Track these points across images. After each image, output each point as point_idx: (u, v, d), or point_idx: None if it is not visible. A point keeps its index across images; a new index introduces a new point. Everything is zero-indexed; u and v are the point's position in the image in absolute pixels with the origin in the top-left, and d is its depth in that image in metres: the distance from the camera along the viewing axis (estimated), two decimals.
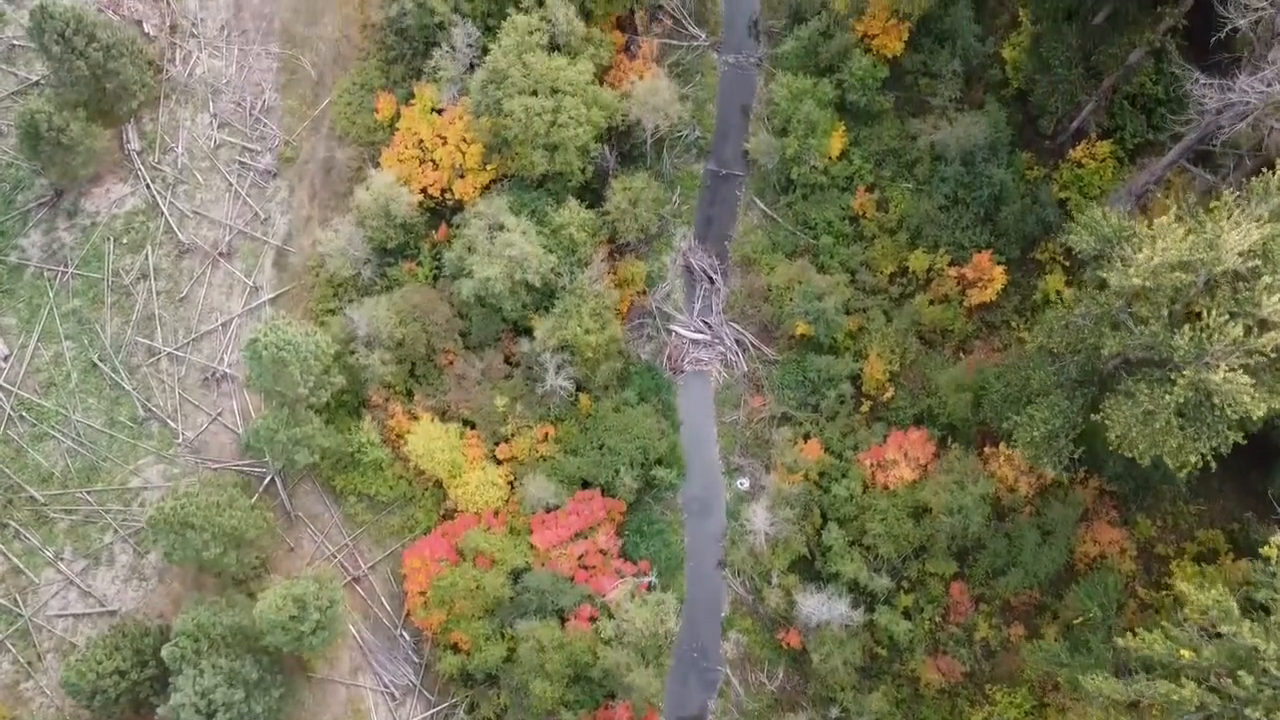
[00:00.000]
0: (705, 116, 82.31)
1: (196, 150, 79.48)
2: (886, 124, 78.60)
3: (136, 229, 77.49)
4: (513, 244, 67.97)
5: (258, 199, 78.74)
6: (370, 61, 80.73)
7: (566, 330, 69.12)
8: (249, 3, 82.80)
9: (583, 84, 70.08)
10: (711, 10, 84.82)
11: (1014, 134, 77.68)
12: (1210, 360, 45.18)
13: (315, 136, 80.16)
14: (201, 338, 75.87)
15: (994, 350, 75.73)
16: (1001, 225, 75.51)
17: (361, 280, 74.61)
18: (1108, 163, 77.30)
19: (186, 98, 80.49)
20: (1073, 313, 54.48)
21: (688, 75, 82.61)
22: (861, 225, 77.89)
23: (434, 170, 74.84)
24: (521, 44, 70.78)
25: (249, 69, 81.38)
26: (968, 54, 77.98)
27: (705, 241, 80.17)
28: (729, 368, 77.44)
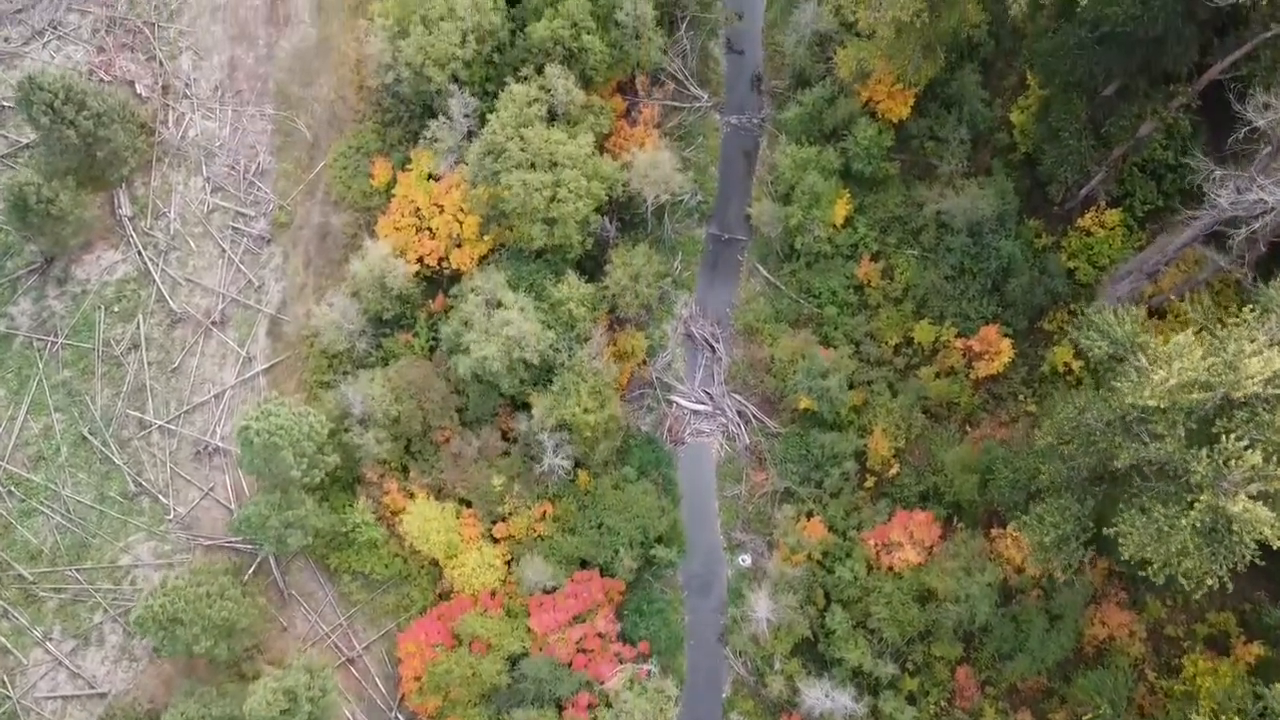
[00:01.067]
0: (707, 180, 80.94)
1: (189, 215, 78.05)
2: (892, 191, 77.19)
3: (128, 297, 76.09)
4: (510, 322, 66.56)
5: (251, 266, 77.35)
6: (366, 124, 79.31)
7: (565, 409, 67.72)
8: (243, 63, 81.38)
9: (582, 157, 68.66)
10: (714, 70, 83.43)
11: (1021, 200, 76.41)
12: (1228, 487, 43.77)
13: (310, 201, 78.75)
14: (194, 410, 74.48)
15: (1001, 424, 74.44)
16: (1009, 296, 74.14)
17: (357, 352, 73.21)
18: (1117, 231, 75.94)
19: (179, 161, 79.07)
20: (1084, 414, 53.02)
21: (689, 138, 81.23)
22: (866, 294, 76.51)
23: (430, 239, 73.44)
24: (520, 116, 69.39)
25: (243, 131, 79.95)
26: (975, 119, 76.62)
27: (706, 308, 78.86)
28: (731, 440, 76.03)
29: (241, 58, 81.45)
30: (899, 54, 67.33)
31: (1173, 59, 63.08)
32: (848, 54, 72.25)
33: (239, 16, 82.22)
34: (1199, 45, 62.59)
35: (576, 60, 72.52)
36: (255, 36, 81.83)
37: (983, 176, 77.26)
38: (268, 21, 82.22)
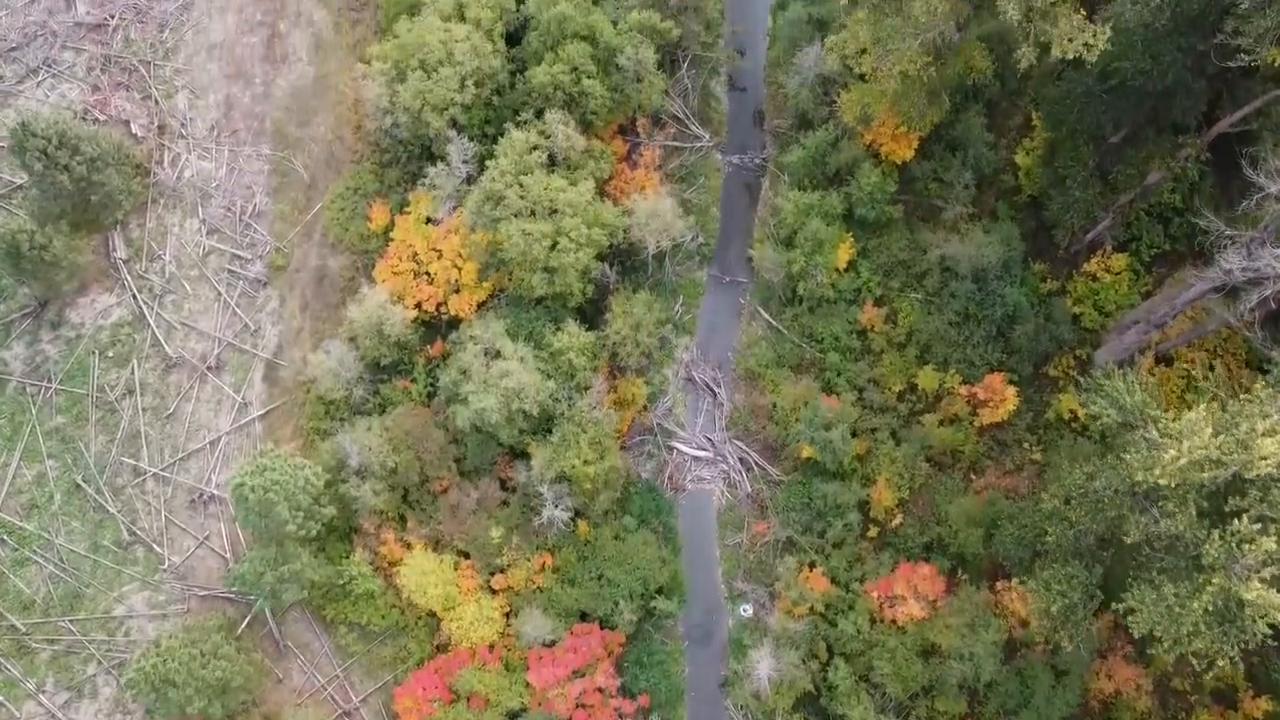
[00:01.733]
0: (708, 221, 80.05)
1: (185, 258, 77.17)
2: (895, 234, 76.25)
3: (122, 341, 75.19)
4: (509, 373, 65.66)
5: (247, 309, 76.46)
6: (364, 165, 78.47)
7: (564, 461, 66.81)
8: (240, 101, 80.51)
9: (583, 205, 67.77)
10: (715, 109, 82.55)
11: (1026, 243, 75.46)
12: (1241, 571, 42.89)
13: (307, 243, 77.86)
14: (189, 457, 73.56)
15: (1005, 473, 73.57)
16: (1014, 343, 73.23)
17: (354, 399, 72.30)
18: (1123, 275, 75.20)
19: (175, 202, 78.19)
20: (1092, 481, 52.10)
21: (691, 178, 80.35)
22: (869, 339, 75.58)
23: (429, 284, 72.55)
24: (519, 163, 68.54)
25: (239, 171, 79.07)
26: (979, 162, 75.73)
27: (708, 352, 77.93)
28: (732, 487, 75.13)
29: (238, 96, 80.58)
30: (904, 101, 66.39)
31: (1181, 111, 62.25)
32: (851, 98, 71.33)
33: (235, 54, 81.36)
34: (1208, 98, 61.71)
35: (577, 104, 71.70)
36: (252, 75, 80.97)
37: (987, 219, 76.46)
38: (265, 59, 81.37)
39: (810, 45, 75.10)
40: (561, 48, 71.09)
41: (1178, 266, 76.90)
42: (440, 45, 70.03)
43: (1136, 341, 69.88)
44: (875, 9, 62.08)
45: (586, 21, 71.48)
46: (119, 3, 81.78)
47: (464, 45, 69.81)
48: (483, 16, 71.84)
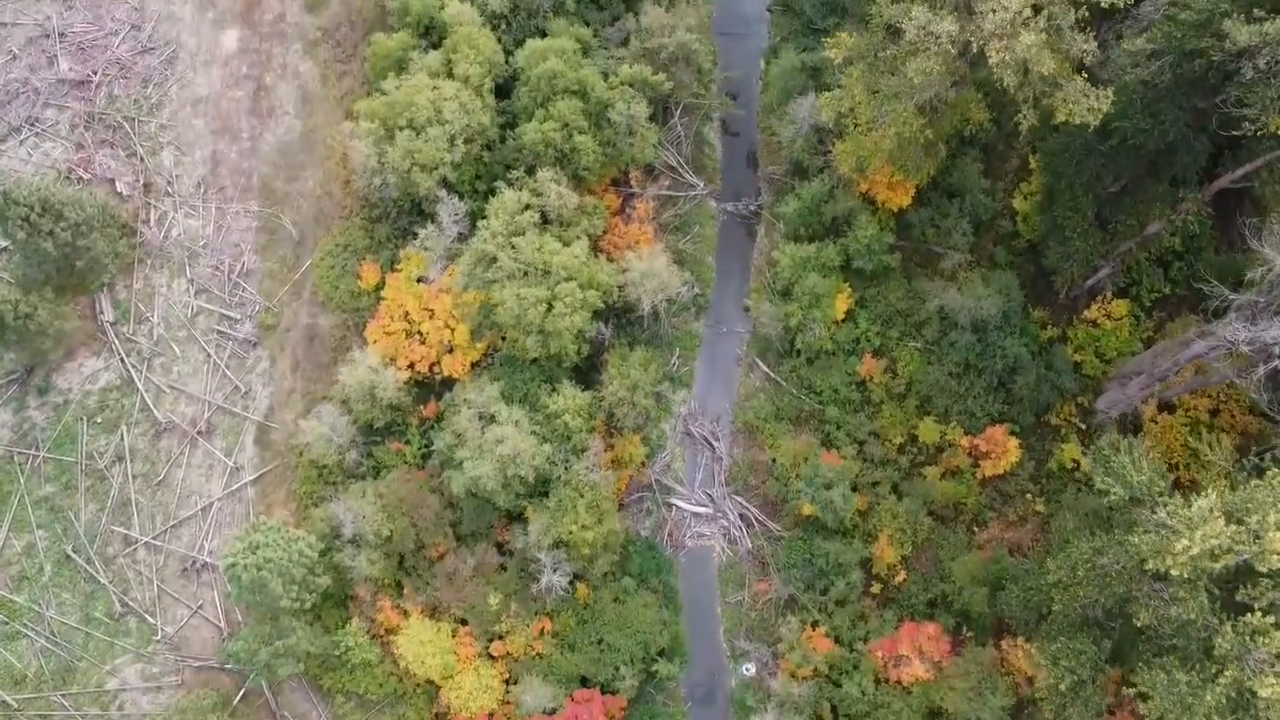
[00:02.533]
0: (704, 270, 79.05)
1: (173, 319, 76.00)
2: (893, 283, 75.32)
3: (111, 407, 74.02)
4: (504, 439, 64.65)
5: (238, 371, 75.32)
6: (353, 221, 77.33)
7: (562, 528, 65.82)
8: (226, 157, 79.33)
9: (577, 266, 66.71)
10: (709, 156, 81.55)
11: (1025, 288, 74.66)
12: (1255, 664, 42.00)
13: (297, 302, 76.73)
14: (180, 524, 72.45)
15: (1009, 525, 72.73)
16: (1015, 394, 72.27)
17: (347, 463, 71.19)
18: (1124, 321, 74.49)
19: (162, 262, 77.02)
20: (1100, 557, 51.18)
21: (685, 227, 79.35)
22: (869, 390, 74.63)
23: (421, 345, 71.47)
24: (511, 223, 67.52)
25: (227, 229, 77.92)
26: (976, 208, 74.87)
27: (705, 405, 76.92)
28: (732, 543, 74.16)
29: (225, 152, 79.41)
30: (900, 156, 65.43)
31: (1182, 167, 61.33)
32: (846, 149, 70.29)
33: (221, 109, 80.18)
34: (1209, 154, 60.82)
35: (569, 161, 70.68)
36: (239, 130, 79.80)
37: (986, 266, 75.66)
38: (251, 114, 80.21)
39: (804, 96, 74.08)
40: (552, 104, 70.03)
41: (1179, 311, 76.31)
42: (428, 104, 68.92)
43: (1140, 394, 69.05)
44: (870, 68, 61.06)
45: (577, 76, 70.45)
46: (102, 58, 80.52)
47: (452, 104, 68.71)
48: (471, 73, 70.75)
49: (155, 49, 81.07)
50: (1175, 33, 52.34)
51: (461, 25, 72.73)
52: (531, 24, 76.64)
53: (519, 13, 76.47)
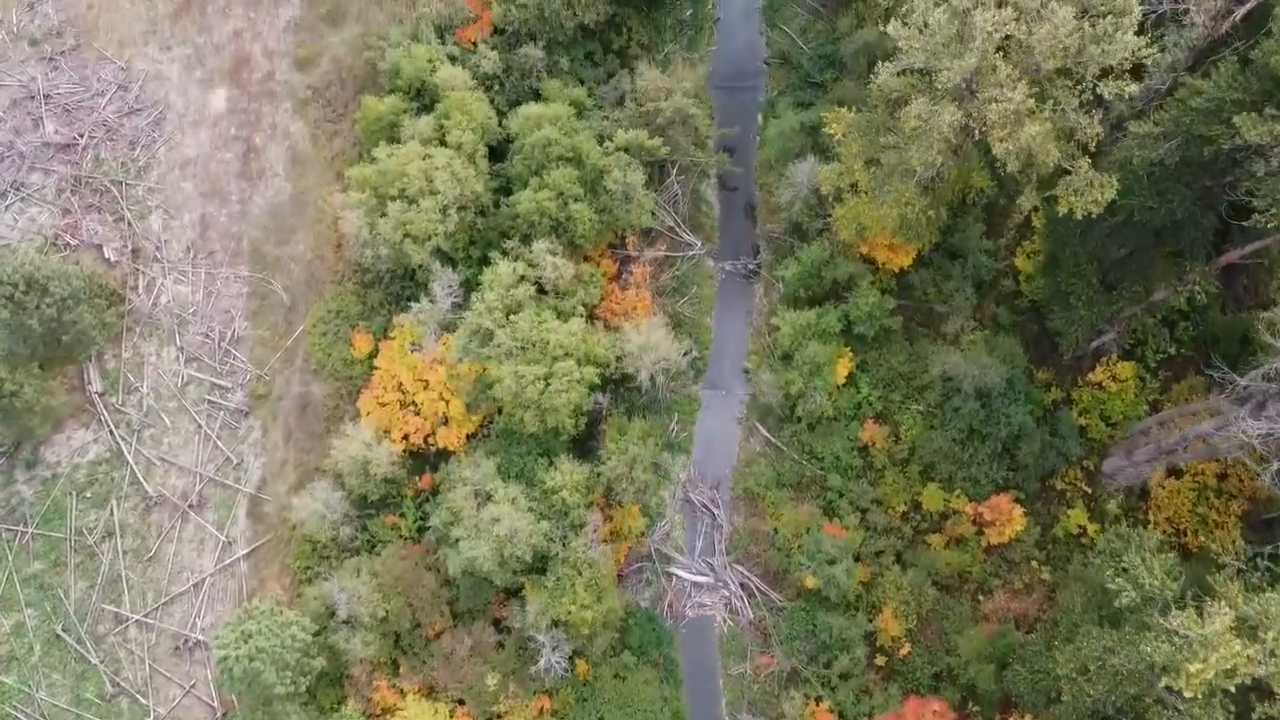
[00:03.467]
0: (702, 332, 77.83)
1: (163, 389, 74.68)
2: (895, 347, 74.14)
3: (100, 480, 72.73)
4: (500, 518, 63.42)
5: (229, 441, 74.02)
6: (345, 285, 76.02)
7: (560, 608, 64.63)
8: (216, 221, 77.99)
9: (574, 343, 65.45)
10: (706, 215, 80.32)
11: (1029, 350, 73.67)
12: None
13: (289, 369, 75.44)
14: (172, 601, 71.18)
15: (1014, 594, 71.62)
16: (1020, 460, 71.25)
17: (341, 538, 69.97)
18: (1130, 383, 73.30)
19: (151, 330, 75.68)
20: (1112, 656, 50.03)
21: (683, 288, 78.12)
22: (871, 456, 73.49)
23: (416, 416, 70.21)
24: (505, 297, 66.30)
25: (217, 295, 76.58)
26: (979, 269, 73.70)
27: (705, 470, 75.74)
28: (734, 613, 72.99)
29: (214, 215, 78.07)
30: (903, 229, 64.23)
31: (1189, 242, 60.12)
32: (846, 216, 68.91)
33: (210, 171, 78.82)
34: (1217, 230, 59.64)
35: (564, 229, 69.41)
36: (228, 193, 78.43)
37: (989, 328, 74.56)
38: (240, 176, 78.83)
39: (802, 160, 72.83)
40: (547, 172, 68.75)
41: (1185, 372, 75.24)
42: (420, 173, 67.61)
43: (1147, 465, 67.99)
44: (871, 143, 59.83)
45: (571, 144, 69.20)
46: (88, 120, 79.10)
47: (444, 174, 67.41)
48: (464, 140, 69.46)
49: (142, 110, 79.64)
50: (1184, 118, 51.14)
51: (453, 90, 71.48)
52: (525, 84, 75.42)
53: (512, 73, 75.27)
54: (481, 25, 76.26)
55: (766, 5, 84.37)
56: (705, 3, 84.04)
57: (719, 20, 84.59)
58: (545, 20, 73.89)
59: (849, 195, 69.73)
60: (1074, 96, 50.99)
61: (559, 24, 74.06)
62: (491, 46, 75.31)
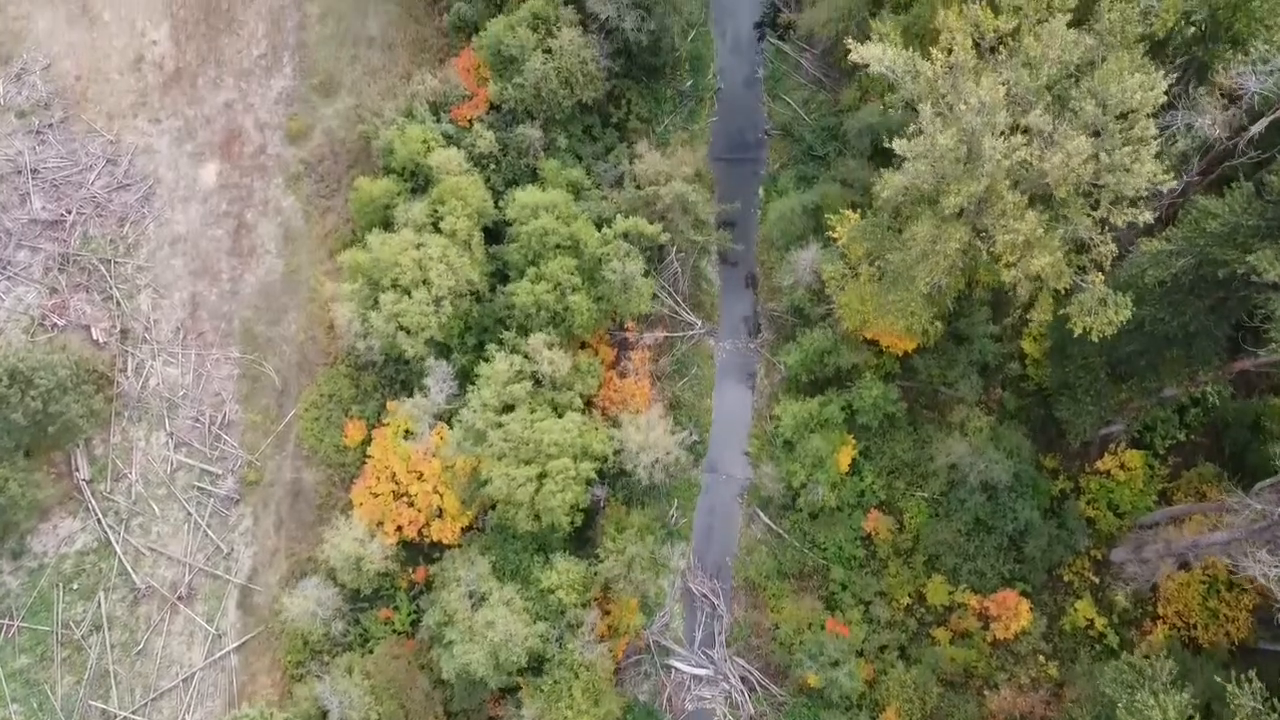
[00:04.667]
0: (702, 413, 76.33)
1: (152, 476, 73.19)
2: (899, 434, 72.62)
3: (88, 571, 71.25)
4: (495, 623, 62.00)
5: (219, 530, 72.55)
6: (338, 368, 74.52)
7: (556, 713, 63.25)
8: (206, 300, 76.46)
9: (570, 441, 63.98)
10: (706, 292, 78.75)
11: (1035, 435, 72.25)
12: None
13: (280, 455, 73.94)
14: (161, 696, 69.72)
15: (1022, 690, 69.91)
16: (1027, 553, 69.73)
17: (333, 633, 68.47)
18: (1138, 472, 71.79)
19: (140, 414, 74.17)
20: None
21: (683, 369, 76.60)
22: (875, 546, 72.03)
23: (410, 507, 68.74)
24: (501, 394, 64.81)
25: (207, 377, 75.06)
26: (984, 354, 72.13)
27: (705, 556, 74.27)
28: (734, 708, 71.48)
29: (204, 294, 76.54)
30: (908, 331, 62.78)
31: (1201, 350, 58.59)
32: (850, 306, 67.29)
33: (200, 249, 77.29)
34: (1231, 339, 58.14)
35: (561, 319, 67.90)
36: (218, 271, 76.92)
37: (994, 416, 72.92)
38: (231, 253, 77.33)
39: (804, 248, 71.27)
40: (544, 262, 67.29)
41: (1195, 458, 73.76)
42: (413, 264, 66.10)
43: (1157, 565, 66.51)
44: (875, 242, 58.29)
45: (569, 231, 67.70)
46: (76, 196, 77.55)
47: (439, 265, 65.88)
48: (459, 228, 67.94)
49: (131, 185, 78.12)
50: (1198, 239, 49.65)
51: (448, 174, 69.96)
52: (522, 163, 73.97)
53: (508, 152, 73.81)
54: (477, 102, 74.76)
55: (768, 76, 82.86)
56: (705, 73, 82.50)
57: (720, 90, 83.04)
58: (542, 99, 72.46)
59: (852, 282, 68.30)
60: (1086, 215, 49.45)
61: (556, 103, 72.64)
62: (487, 125, 73.84)
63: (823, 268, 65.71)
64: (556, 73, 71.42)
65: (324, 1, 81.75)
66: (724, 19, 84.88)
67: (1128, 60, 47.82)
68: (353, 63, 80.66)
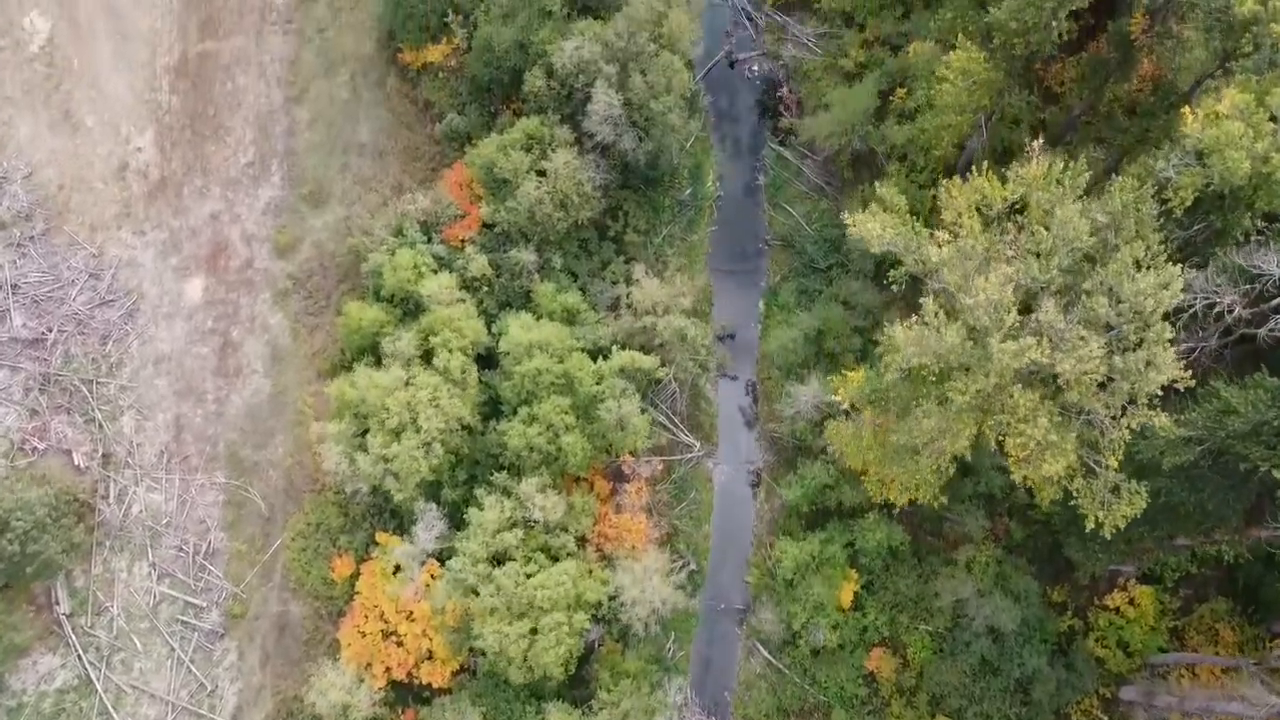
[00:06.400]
0: (700, 540, 74.31)
1: (134, 609, 71.19)
2: (903, 568, 70.53)
3: (68, 710, 69.28)
4: None
5: (203, 665, 70.55)
6: (326, 495, 72.36)
7: None
8: (191, 422, 74.39)
9: (563, 593, 61.94)
10: (705, 412, 76.64)
11: (1042, 567, 70.27)
12: None
13: (266, 586, 71.93)
14: None
15: None
16: (1034, 696, 67.75)
17: None
18: (1149, 609, 69.75)
19: (122, 544, 72.14)
20: None
21: (681, 495, 74.56)
22: (878, 684, 70.05)
23: (399, 648, 66.71)
24: (491, 543, 62.79)
25: (191, 503, 73.01)
26: (990, 485, 70.00)
27: (702, 690, 72.26)
28: None
29: (189, 416, 74.46)
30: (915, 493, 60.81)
31: (1218, 520, 56.55)
32: (850, 454, 64.78)
33: (185, 368, 75.20)
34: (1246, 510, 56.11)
35: (554, 460, 65.82)
36: (204, 391, 74.83)
37: (1001, 548, 70.79)
38: (217, 373, 75.25)
39: (805, 381, 69.26)
40: (537, 402, 65.17)
41: (1206, 592, 71.74)
42: (403, 407, 64.00)
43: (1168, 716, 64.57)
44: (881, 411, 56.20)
45: (564, 369, 65.58)
46: (58, 313, 75.39)
47: (429, 410, 63.76)
48: (451, 365, 65.81)
49: (115, 300, 75.99)
50: (1218, 430, 47.53)
51: (439, 304, 67.83)
52: (515, 285, 71.84)
53: (502, 274, 71.69)
54: (470, 222, 72.62)
55: (769, 183, 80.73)
56: (705, 181, 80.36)
57: (720, 198, 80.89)
58: (537, 222, 70.35)
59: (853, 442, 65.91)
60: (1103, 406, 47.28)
61: (551, 225, 70.55)
62: (480, 248, 71.70)
63: (828, 434, 63.07)
64: (551, 196, 69.32)
65: (314, 107, 79.54)
66: (724, 123, 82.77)
67: (1142, 250, 45.65)
68: (343, 171, 78.51)
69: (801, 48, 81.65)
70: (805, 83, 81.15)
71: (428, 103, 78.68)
